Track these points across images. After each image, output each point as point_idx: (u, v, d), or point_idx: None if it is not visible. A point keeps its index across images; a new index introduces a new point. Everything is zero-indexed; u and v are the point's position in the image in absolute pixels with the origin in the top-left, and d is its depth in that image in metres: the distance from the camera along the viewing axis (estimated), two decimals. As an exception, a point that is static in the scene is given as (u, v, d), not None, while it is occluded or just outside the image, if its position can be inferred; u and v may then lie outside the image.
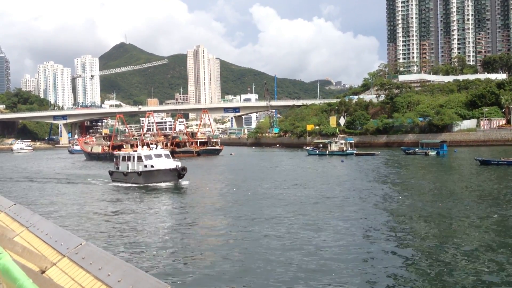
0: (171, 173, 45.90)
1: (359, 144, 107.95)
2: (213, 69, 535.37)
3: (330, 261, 18.09)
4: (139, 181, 46.77)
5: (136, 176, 47.26)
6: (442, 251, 19.29)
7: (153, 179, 46.20)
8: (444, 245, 20.23)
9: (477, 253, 18.75)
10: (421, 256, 18.99)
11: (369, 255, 19.02)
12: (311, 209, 30.04)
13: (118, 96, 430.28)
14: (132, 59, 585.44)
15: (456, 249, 19.43)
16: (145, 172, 46.91)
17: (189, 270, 17.78)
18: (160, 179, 45.99)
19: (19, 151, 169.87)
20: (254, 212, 29.52)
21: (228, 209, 31.27)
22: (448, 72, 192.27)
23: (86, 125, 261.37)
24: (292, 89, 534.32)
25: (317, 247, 20.32)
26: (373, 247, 20.28)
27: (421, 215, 27.34)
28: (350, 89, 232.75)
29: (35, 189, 48.21)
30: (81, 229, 25.86)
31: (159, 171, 46.37)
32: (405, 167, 61.41)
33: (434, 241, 21.13)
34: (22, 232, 5.82)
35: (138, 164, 47.97)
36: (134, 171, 48.14)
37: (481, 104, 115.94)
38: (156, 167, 46.65)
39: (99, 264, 4.16)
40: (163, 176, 46.05)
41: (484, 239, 21.11)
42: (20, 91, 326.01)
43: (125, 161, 50.39)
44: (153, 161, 47.46)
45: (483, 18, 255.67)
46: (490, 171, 49.53)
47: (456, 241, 20.87)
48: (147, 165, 47.14)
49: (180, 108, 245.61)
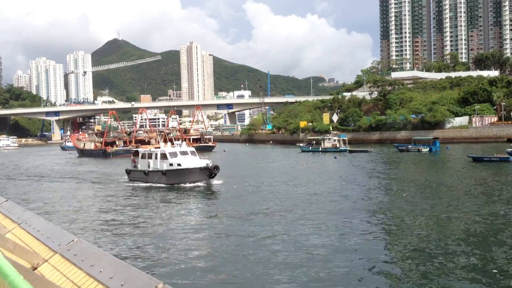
0: (202, 172, 42.06)
1: (352, 141, 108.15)
2: (207, 65, 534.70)
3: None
4: (164, 181, 42.98)
5: (160, 176, 43.39)
6: (436, 246, 19.38)
7: (181, 178, 42.32)
8: (438, 240, 20.33)
9: (471, 249, 18.87)
10: (415, 253, 19.07)
11: (360, 252, 19.09)
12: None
13: (111, 93, 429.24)
14: (125, 55, 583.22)
15: (451, 244, 19.53)
16: (171, 171, 43.00)
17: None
18: (189, 179, 42.13)
19: (5, 148, 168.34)
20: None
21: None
22: (440, 69, 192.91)
23: (78, 122, 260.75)
24: (286, 85, 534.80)
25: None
26: (363, 243, 20.35)
27: (418, 211, 27.45)
28: (343, 86, 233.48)
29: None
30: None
31: (188, 170, 42.41)
32: (399, 164, 61.65)
33: (429, 236, 21.23)
34: (13, 229, 5.78)
35: (162, 162, 43.89)
36: (157, 169, 44.18)
37: (473, 101, 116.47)
38: (184, 166, 42.64)
39: (91, 260, 4.14)
40: (192, 175, 42.22)
41: (483, 234, 21.26)
42: (12, 87, 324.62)
43: (146, 158, 46.38)
44: (180, 159, 43.37)
45: (475, 16, 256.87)
46: (483, 168, 50.01)
47: (453, 236, 20.98)
48: (173, 163, 43.08)
49: (173, 104, 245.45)
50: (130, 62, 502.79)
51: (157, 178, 43.37)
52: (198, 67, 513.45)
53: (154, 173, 44.22)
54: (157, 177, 43.51)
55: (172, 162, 43.17)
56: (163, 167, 43.54)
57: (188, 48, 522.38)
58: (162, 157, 44.10)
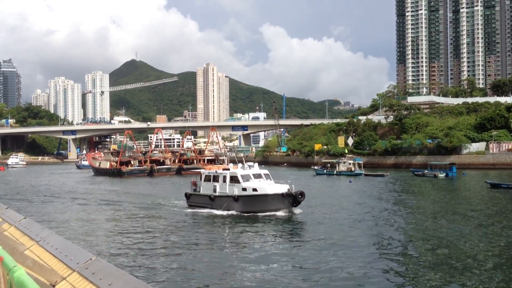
0: (284, 199, 36.54)
1: (367, 165, 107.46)
2: (222, 87, 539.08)
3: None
4: (235, 208, 37.99)
5: (230, 202, 38.40)
6: (453, 270, 19.03)
7: (258, 206, 36.99)
8: (455, 265, 19.98)
9: (489, 275, 18.50)
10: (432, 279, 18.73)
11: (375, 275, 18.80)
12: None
13: (127, 113, 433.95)
14: (142, 76, 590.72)
15: (468, 270, 19.17)
16: (245, 198, 37.92)
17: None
18: (268, 207, 36.71)
19: (13, 165, 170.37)
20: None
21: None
22: (457, 95, 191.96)
23: (94, 141, 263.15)
24: (301, 108, 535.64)
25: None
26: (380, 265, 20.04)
27: (436, 237, 27.04)
28: (359, 110, 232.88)
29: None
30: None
31: (266, 196, 37.10)
32: (415, 189, 60.97)
33: (449, 261, 20.87)
34: (32, 246, 5.78)
35: (232, 186, 38.91)
36: (226, 195, 39.19)
37: (490, 127, 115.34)
38: (261, 191, 37.45)
39: (109, 279, 4.10)
40: (272, 202, 36.80)
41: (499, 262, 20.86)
42: (31, 105, 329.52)
43: (210, 181, 41.29)
44: (255, 183, 38.30)
45: (493, 41, 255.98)
46: (501, 194, 49.40)
47: (471, 263, 20.60)
48: (247, 187, 38.05)
49: (189, 125, 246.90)
50: (147, 83, 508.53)
51: (227, 205, 38.60)
52: (214, 89, 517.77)
53: (223, 199, 39.31)
54: (226, 203, 38.69)
55: (246, 186, 38.23)
56: (233, 192, 38.58)
57: (204, 70, 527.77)
58: (233, 180, 39.21)
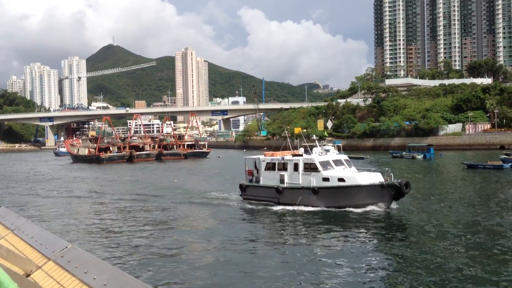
0: (383, 192, 29.76)
1: (346, 148, 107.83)
2: (201, 71, 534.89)
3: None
4: (314, 202, 31.26)
5: (307, 195, 31.68)
6: (434, 252, 19.42)
7: (347, 200, 30.28)
8: (434, 246, 20.37)
9: (466, 255, 18.92)
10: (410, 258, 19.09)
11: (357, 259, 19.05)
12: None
13: (105, 98, 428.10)
14: (119, 61, 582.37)
15: (447, 251, 19.58)
16: (328, 190, 31.09)
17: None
18: (360, 201, 30.01)
19: None
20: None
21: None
22: (434, 77, 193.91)
23: (72, 127, 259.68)
24: (280, 92, 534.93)
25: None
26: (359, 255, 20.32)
27: (415, 218, 27.51)
28: (338, 93, 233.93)
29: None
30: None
31: (359, 188, 30.23)
32: (395, 172, 61.54)
33: (426, 243, 21.27)
34: (6, 235, 5.75)
35: (307, 175, 32.16)
36: (299, 186, 32.54)
37: (467, 108, 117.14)
38: (350, 182, 30.59)
39: (85, 267, 4.12)
40: (366, 196, 30.10)
41: (478, 242, 21.33)
42: (6, 92, 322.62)
43: (275, 170, 34.38)
44: (339, 172, 31.63)
45: (469, 24, 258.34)
46: (477, 175, 50.36)
47: (451, 243, 21.02)
48: (330, 177, 31.18)
49: (168, 110, 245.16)
50: (125, 68, 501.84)
51: (302, 198, 31.89)
52: (193, 73, 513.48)
53: (296, 191, 32.47)
54: (302, 196, 31.97)
55: (328, 175, 31.44)
56: (311, 182, 31.82)
57: (183, 54, 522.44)
58: (309, 168, 32.45)
